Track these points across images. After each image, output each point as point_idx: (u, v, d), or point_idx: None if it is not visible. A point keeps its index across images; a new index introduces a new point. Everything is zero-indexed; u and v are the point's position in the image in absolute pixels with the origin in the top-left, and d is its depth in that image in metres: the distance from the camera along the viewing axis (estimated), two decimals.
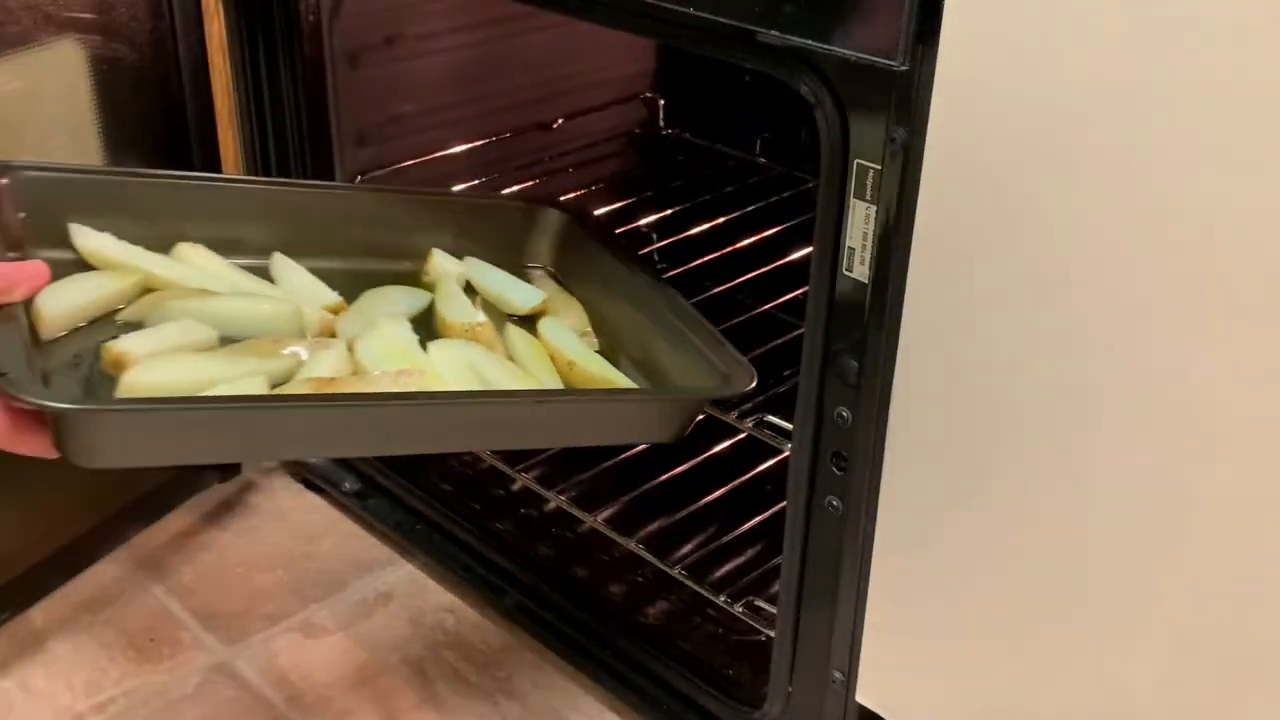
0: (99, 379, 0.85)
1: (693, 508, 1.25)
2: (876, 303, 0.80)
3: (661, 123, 1.57)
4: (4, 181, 0.93)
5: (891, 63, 0.69)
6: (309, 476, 1.42)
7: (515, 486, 1.28)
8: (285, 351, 0.90)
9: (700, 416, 0.92)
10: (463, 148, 1.41)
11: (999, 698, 0.84)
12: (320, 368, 0.89)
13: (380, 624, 1.26)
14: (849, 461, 0.87)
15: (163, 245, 0.98)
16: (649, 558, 1.17)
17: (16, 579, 1.19)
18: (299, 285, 1.00)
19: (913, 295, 0.77)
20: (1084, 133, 0.67)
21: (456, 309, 1.00)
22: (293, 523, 1.40)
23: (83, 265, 0.95)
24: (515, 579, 1.23)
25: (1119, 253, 0.68)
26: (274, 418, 0.81)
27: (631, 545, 1.17)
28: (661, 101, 1.55)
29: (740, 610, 1.09)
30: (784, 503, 0.93)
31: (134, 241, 0.97)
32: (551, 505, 1.25)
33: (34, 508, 1.21)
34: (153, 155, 1.21)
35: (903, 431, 0.81)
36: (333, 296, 0.99)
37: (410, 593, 1.30)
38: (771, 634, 1.02)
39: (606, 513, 1.22)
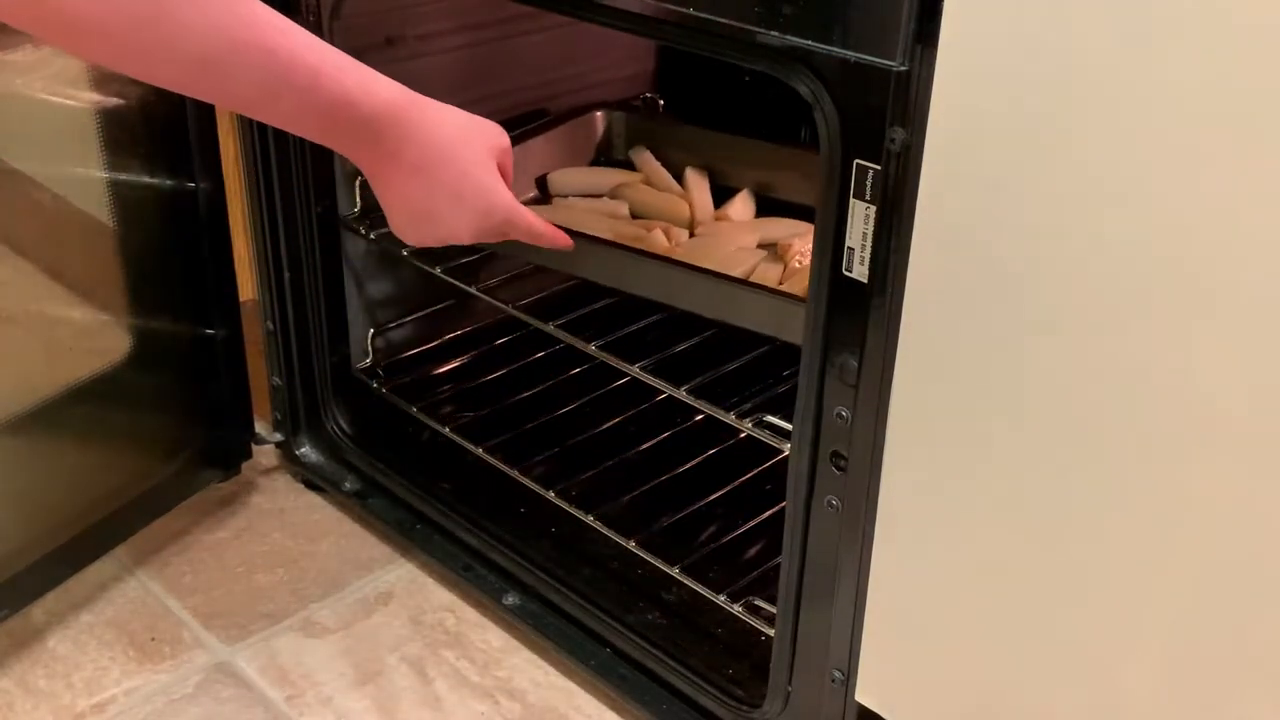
0: None
1: (692, 508, 1.25)
2: (876, 303, 0.80)
3: None
4: (599, 114, 1.45)
5: (891, 63, 0.70)
6: (309, 476, 1.42)
7: (515, 486, 1.28)
8: (644, 229, 1.26)
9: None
10: None
11: (997, 698, 0.84)
12: (648, 241, 1.22)
13: (380, 623, 1.26)
14: (849, 461, 0.87)
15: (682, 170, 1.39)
16: (648, 557, 1.16)
17: (15, 577, 1.19)
18: (738, 209, 1.32)
19: (912, 295, 0.77)
20: (1083, 132, 0.67)
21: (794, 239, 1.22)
22: (293, 522, 1.40)
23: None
24: (515, 579, 1.23)
25: (1118, 251, 0.68)
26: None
27: (630, 545, 1.17)
28: (661, 102, 1.55)
29: (739, 610, 1.08)
30: (784, 502, 0.93)
31: (677, 167, 1.39)
32: (551, 504, 1.25)
33: (33, 506, 1.22)
34: (152, 155, 1.21)
35: (902, 431, 0.81)
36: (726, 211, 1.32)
37: (410, 592, 1.30)
38: (771, 633, 1.02)
39: (606, 512, 1.21)
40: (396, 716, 1.15)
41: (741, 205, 1.32)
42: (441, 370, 1.46)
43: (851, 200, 0.79)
